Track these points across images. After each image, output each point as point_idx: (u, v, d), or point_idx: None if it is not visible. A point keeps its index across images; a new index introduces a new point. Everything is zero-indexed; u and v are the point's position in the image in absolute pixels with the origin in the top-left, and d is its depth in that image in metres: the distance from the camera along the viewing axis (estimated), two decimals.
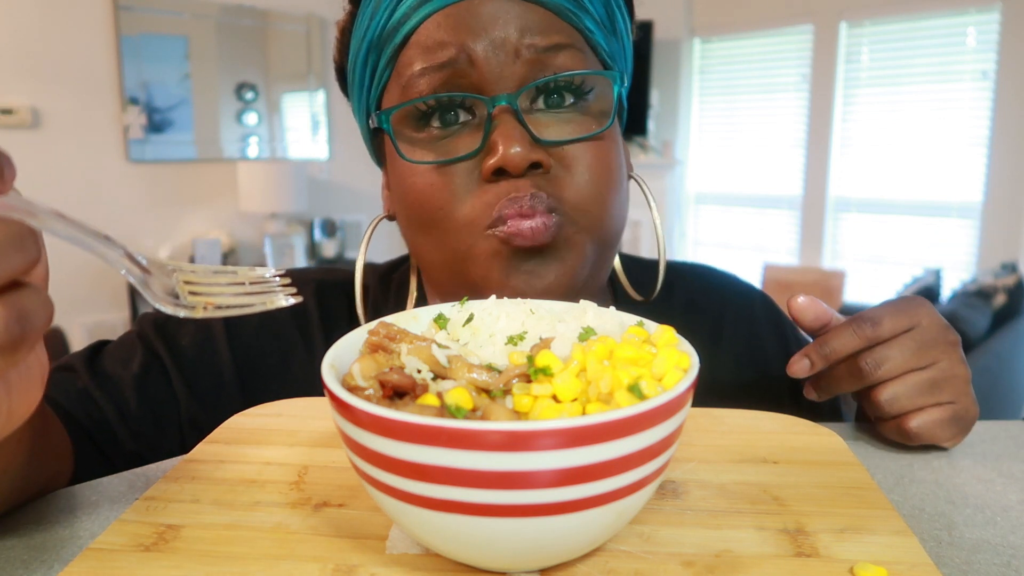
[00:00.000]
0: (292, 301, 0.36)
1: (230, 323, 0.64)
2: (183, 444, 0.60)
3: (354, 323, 0.65)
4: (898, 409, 0.51)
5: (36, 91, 3.34)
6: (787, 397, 0.69)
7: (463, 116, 0.54)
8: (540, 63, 0.53)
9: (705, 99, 4.78)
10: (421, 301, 0.65)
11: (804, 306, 0.53)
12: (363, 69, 0.57)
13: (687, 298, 0.71)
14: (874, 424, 0.55)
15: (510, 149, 0.50)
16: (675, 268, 0.73)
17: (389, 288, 0.68)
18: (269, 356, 0.65)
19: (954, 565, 0.38)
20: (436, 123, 0.54)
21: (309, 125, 4.31)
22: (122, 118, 3.60)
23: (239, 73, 4.00)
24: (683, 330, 0.38)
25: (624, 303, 0.67)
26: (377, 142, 0.62)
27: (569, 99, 0.54)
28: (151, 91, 3.68)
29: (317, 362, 0.35)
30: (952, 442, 0.52)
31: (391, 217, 0.63)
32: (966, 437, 0.53)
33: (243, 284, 0.36)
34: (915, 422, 0.50)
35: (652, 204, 0.61)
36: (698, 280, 0.73)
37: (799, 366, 0.52)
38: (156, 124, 3.72)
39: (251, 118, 4.07)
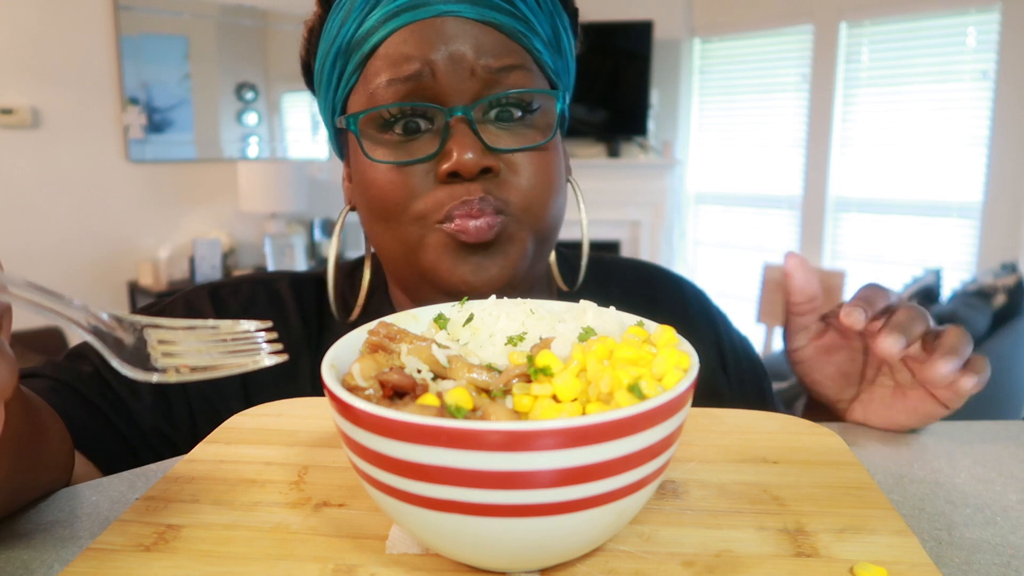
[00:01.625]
0: (277, 360, 0.35)
1: (217, 307, 0.68)
2: (194, 421, 0.63)
3: (325, 311, 0.71)
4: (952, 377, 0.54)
5: (36, 91, 3.34)
6: (724, 385, 0.75)
7: (423, 123, 0.60)
8: (493, 80, 0.59)
9: (705, 99, 4.78)
10: (378, 291, 0.71)
11: (796, 263, 0.59)
12: (331, 71, 0.63)
13: (623, 288, 0.78)
14: (925, 388, 0.57)
15: (464, 155, 0.56)
16: (616, 261, 0.82)
17: (354, 281, 0.73)
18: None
19: (954, 565, 0.38)
20: (399, 128, 0.60)
21: (309, 125, 4.31)
22: (122, 118, 3.60)
23: (239, 73, 4.00)
24: (621, 308, 0.42)
25: (558, 293, 0.74)
26: (341, 138, 0.67)
27: (517, 113, 0.60)
28: (151, 91, 3.68)
29: (297, 348, 0.35)
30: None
31: (353, 207, 0.68)
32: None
33: (224, 341, 0.34)
34: (969, 383, 0.54)
35: (581, 206, 0.68)
36: (633, 272, 0.81)
37: (855, 316, 0.54)
38: (156, 124, 3.71)
39: (251, 118, 4.07)
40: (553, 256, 0.72)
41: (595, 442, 0.28)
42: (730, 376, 0.77)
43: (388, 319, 0.40)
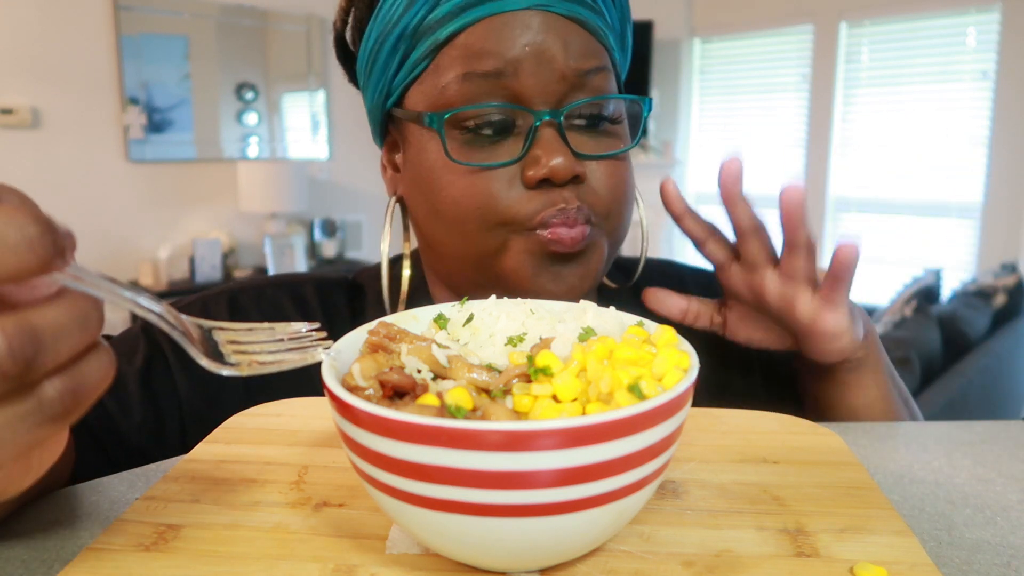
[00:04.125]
0: (330, 355, 0.36)
1: (235, 317, 0.65)
2: (184, 440, 0.60)
3: (356, 319, 0.67)
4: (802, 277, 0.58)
5: (36, 91, 3.34)
6: (757, 369, 0.72)
7: (505, 125, 0.57)
8: (580, 83, 0.56)
9: (705, 99, 4.78)
10: (418, 291, 0.68)
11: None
12: (390, 54, 0.59)
13: (651, 284, 0.76)
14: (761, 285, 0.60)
15: (556, 161, 0.54)
16: (634, 261, 0.80)
17: (393, 282, 0.70)
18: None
19: (954, 565, 0.38)
20: (481, 128, 0.56)
21: (309, 125, 4.31)
22: (122, 118, 3.60)
23: (239, 73, 4.00)
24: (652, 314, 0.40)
25: (602, 292, 0.72)
26: (391, 124, 0.64)
27: (602, 119, 0.58)
28: (151, 91, 3.68)
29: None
30: (847, 329, 0.58)
31: (400, 199, 0.65)
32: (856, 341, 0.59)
33: (281, 340, 0.37)
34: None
35: (640, 204, 0.66)
36: (661, 268, 0.79)
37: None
38: (156, 124, 3.71)
39: (251, 118, 4.07)
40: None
41: (595, 442, 0.28)
42: (761, 365, 0.74)
43: (388, 319, 0.40)
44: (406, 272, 0.66)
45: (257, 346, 0.36)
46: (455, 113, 0.56)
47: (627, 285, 0.70)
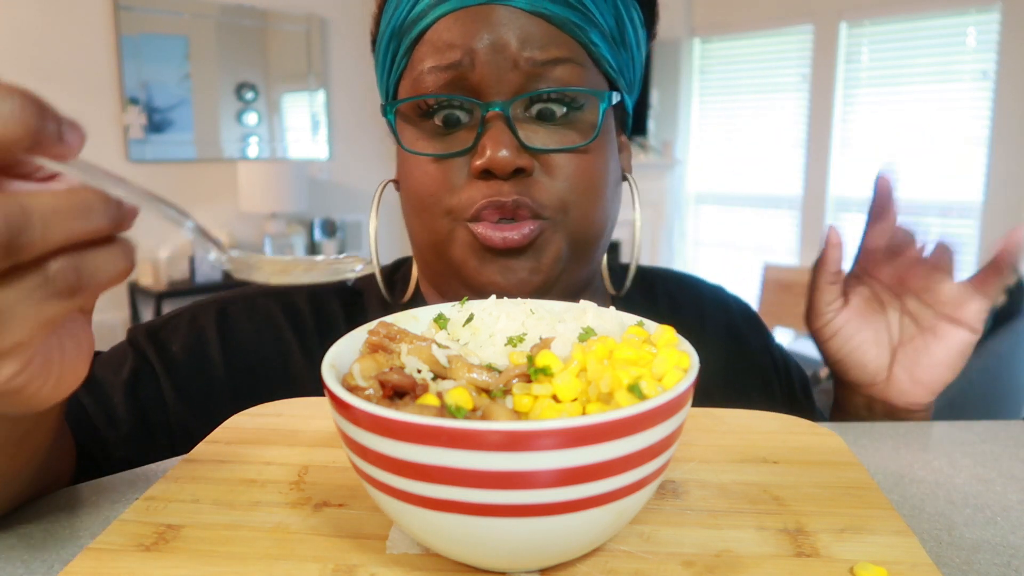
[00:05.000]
0: (360, 269, 0.36)
1: (224, 329, 0.64)
2: (173, 451, 0.59)
3: (351, 325, 0.66)
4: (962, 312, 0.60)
5: (36, 91, 3.32)
6: (777, 388, 0.72)
7: (463, 116, 0.58)
8: (537, 74, 0.56)
9: (705, 99, 4.78)
10: (418, 293, 0.68)
11: (838, 237, 0.64)
12: (385, 54, 0.62)
13: (668, 297, 0.76)
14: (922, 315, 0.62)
15: (497, 152, 0.54)
16: (653, 271, 0.78)
17: (393, 285, 0.71)
18: (266, 361, 0.64)
19: (954, 565, 0.38)
20: (438, 119, 0.58)
21: (309, 125, 4.31)
22: (122, 118, 3.60)
23: (239, 73, 4.00)
24: (669, 322, 0.39)
25: (603, 299, 0.70)
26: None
27: (560, 111, 0.57)
28: (151, 91, 3.68)
29: (315, 367, 0.36)
30: (950, 374, 0.61)
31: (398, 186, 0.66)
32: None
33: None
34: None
35: (636, 206, 0.64)
36: (674, 281, 0.78)
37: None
38: (156, 124, 3.71)
39: (251, 118, 4.07)
40: (605, 260, 0.69)
41: (595, 442, 0.28)
42: (781, 384, 0.75)
43: (388, 319, 0.40)
44: (414, 272, 0.67)
45: (277, 269, 0.36)
46: (413, 103, 0.58)
47: (621, 295, 0.69)
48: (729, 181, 4.72)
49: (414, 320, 0.42)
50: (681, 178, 4.85)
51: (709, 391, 0.54)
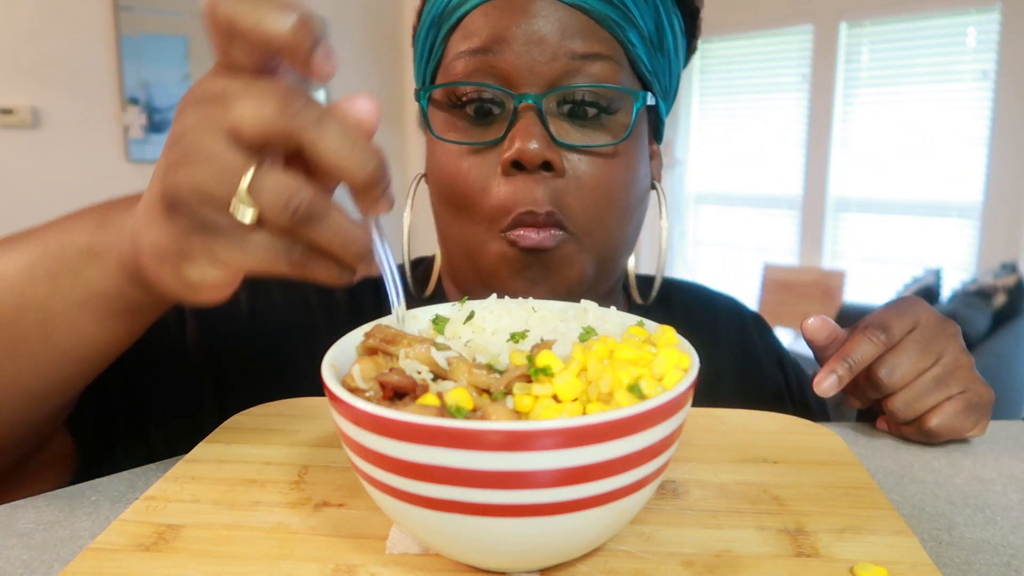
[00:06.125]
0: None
1: (255, 289, 0.63)
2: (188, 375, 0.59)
3: (384, 314, 0.67)
4: (915, 412, 0.53)
5: (36, 91, 3.33)
6: (788, 401, 0.71)
7: (495, 108, 0.56)
8: (574, 69, 0.55)
9: (705, 99, 4.78)
10: (439, 288, 0.68)
11: (816, 327, 0.56)
12: (423, 43, 0.61)
13: (684, 307, 0.75)
14: (897, 431, 0.56)
15: (527, 144, 0.53)
16: (670, 281, 0.78)
17: (415, 276, 0.70)
18: (291, 330, 0.64)
19: (954, 565, 0.38)
20: (470, 109, 0.57)
21: None
22: (122, 118, 3.60)
23: None
24: (683, 334, 0.39)
25: (624, 307, 0.69)
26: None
27: (593, 111, 0.56)
28: (151, 91, 3.68)
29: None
30: (977, 429, 0.54)
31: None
32: (988, 422, 0.55)
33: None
34: (934, 421, 0.52)
35: (663, 213, 0.63)
36: (691, 292, 0.78)
37: (828, 383, 0.53)
38: (156, 124, 3.71)
39: None
40: (631, 266, 0.69)
41: (595, 442, 0.28)
42: (794, 396, 0.74)
43: (384, 321, 0.40)
44: (436, 266, 0.67)
45: None
46: (444, 90, 0.57)
47: (648, 303, 0.68)
48: (729, 181, 4.72)
49: (414, 320, 0.42)
50: (681, 178, 4.85)
51: (721, 405, 0.54)
